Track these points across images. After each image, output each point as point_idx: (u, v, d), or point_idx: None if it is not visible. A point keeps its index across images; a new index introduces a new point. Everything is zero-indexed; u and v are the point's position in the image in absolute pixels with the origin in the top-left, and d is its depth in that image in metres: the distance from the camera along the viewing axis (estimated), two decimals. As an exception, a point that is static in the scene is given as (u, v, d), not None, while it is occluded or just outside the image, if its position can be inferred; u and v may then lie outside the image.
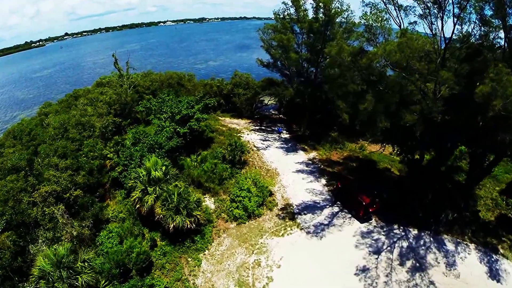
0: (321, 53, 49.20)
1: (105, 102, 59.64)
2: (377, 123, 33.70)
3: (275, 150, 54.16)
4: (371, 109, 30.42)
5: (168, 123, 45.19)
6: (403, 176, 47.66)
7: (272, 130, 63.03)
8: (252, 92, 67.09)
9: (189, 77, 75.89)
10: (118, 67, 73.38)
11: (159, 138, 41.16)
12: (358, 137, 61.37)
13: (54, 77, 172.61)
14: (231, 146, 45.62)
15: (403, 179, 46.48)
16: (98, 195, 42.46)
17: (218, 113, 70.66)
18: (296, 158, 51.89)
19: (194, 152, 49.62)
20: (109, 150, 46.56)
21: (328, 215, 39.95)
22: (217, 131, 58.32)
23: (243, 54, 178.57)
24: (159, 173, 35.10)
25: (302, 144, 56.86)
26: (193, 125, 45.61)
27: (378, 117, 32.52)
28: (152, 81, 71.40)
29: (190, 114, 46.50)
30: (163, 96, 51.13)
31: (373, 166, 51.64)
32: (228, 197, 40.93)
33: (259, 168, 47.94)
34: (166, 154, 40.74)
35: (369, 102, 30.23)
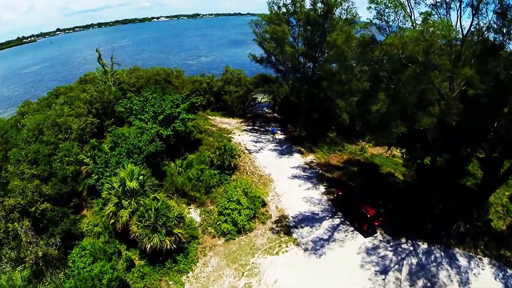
0: (319, 46, 44.69)
1: (86, 101, 55.04)
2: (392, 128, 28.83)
3: (268, 153, 49.75)
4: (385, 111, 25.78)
5: (150, 124, 40.60)
6: (408, 181, 43.91)
7: (265, 131, 58.56)
8: (244, 89, 62.51)
9: (178, 73, 71.22)
10: (102, 62, 69.12)
11: (138, 142, 36.55)
12: (358, 138, 57.52)
13: (42, 74, 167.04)
14: (220, 150, 41.13)
15: (409, 185, 42.69)
16: (73, 205, 38.30)
17: (208, 112, 66.13)
18: (292, 162, 47.52)
19: (180, 156, 45.24)
20: (86, 154, 42.04)
21: (328, 228, 35.77)
22: (206, 132, 53.83)
23: (236, 49, 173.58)
24: (135, 184, 30.57)
25: (298, 146, 52.48)
26: (178, 127, 40.99)
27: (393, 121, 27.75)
28: (138, 78, 66.72)
29: (175, 114, 41.89)
30: (146, 94, 46.38)
31: (376, 170, 47.72)
32: (216, 208, 36.53)
33: (251, 174, 43.51)
34: (146, 159, 36.18)
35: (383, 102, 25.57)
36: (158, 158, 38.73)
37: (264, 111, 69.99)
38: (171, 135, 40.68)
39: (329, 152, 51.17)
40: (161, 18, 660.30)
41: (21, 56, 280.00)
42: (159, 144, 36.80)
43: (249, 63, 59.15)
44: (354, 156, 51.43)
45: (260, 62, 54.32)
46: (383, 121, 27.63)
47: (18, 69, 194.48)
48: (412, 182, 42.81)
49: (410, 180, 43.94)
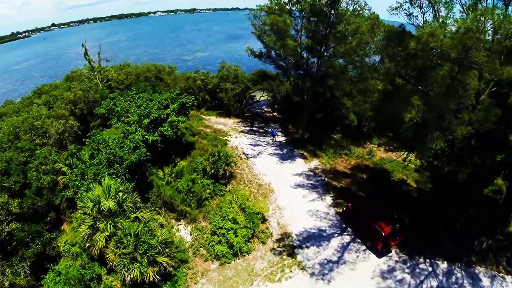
0: (325, 40, 39.82)
1: (69, 101, 50.30)
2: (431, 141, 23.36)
3: (268, 158, 45.06)
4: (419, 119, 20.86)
5: (135, 128, 35.87)
6: (422, 189, 39.84)
7: (264, 132, 53.84)
8: (242, 86, 57.72)
9: (170, 69, 66.38)
10: (89, 58, 64.34)
11: (119, 150, 31.85)
12: (365, 139, 53.04)
13: (33, 70, 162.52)
14: (214, 157, 36.45)
15: (424, 194, 38.59)
16: (50, 220, 33.75)
17: (203, 111, 61.33)
18: (294, 168, 42.87)
19: (169, 162, 40.66)
20: (63, 162, 37.45)
21: (337, 247, 31.42)
22: (199, 134, 49.10)
23: (233, 44, 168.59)
24: (112, 204, 25.91)
25: (301, 149, 47.83)
26: (165, 131, 36.23)
27: (430, 132, 22.59)
28: (127, 75, 61.91)
29: (163, 116, 37.09)
30: (131, 93, 41.52)
31: (386, 177, 43.49)
32: (209, 225, 31.96)
33: (249, 183, 38.88)
34: (129, 169, 31.51)
35: (419, 109, 20.63)
36: (144, 166, 33.99)
37: (263, 110, 65.15)
38: (158, 141, 35.95)
39: (335, 157, 46.65)
40: (157, 13, 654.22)
41: (13, 52, 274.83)
42: (143, 152, 32.05)
43: (247, 59, 54.61)
44: (362, 160, 47.01)
45: (259, 57, 49.51)
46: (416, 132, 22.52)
47: (9, 65, 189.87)
48: (426, 190, 38.76)
49: (423, 188, 39.91)
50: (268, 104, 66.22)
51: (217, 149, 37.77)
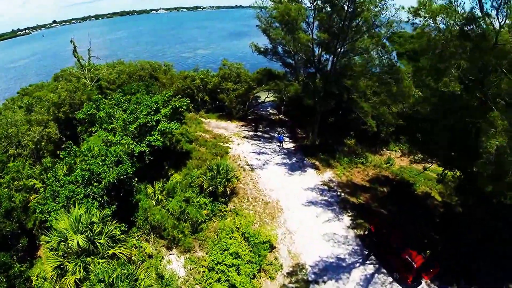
0: (342, 33, 34.06)
1: (52, 103, 44.95)
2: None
3: (275, 169, 39.46)
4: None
5: (119, 137, 30.37)
6: (448, 203, 35.38)
7: (270, 137, 48.24)
8: (245, 86, 52.18)
9: (166, 67, 60.87)
10: (78, 56, 58.62)
11: (96, 166, 26.31)
12: (381, 146, 47.63)
13: (29, 68, 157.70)
14: (212, 171, 30.93)
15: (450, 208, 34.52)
16: (22, 247, 28.59)
17: (202, 114, 55.78)
18: (306, 181, 37.28)
19: (161, 175, 35.31)
20: (37, 176, 32.19)
21: (359, 281, 26.08)
22: (197, 141, 43.59)
23: (236, 41, 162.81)
24: (82, 240, 20.41)
25: (312, 158, 42.25)
26: (154, 141, 30.66)
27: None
28: (119, 74, 56.43)
29: (152, 123, 31.51)
30: (117, 95, 35.94)
31: (409, 189, 38.27)
32: (206, 255, 26.50)
33: (254, 201, 33.33)
34: (107, 191, 26.00)
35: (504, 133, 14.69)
36: (127, 185, 28.48)
37: (268, 112, 59.53)
38: (146, 152, 30.39)
39: (350, 166, 41.18)
40: (160, 10, 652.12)
41: (11, 49, 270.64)
42: (124, 170, 26.42)
43: (251, 56, 49.36)
44: (380, 170, 41.57)
45: (264, 54, 43.87)
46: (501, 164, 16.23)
47: (5, 63, 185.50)
48: (453, 204, 34.71)
49: (449, 201, 35.50)
50: (273, 105, 60.64)
51: (216, 161, 32.28)
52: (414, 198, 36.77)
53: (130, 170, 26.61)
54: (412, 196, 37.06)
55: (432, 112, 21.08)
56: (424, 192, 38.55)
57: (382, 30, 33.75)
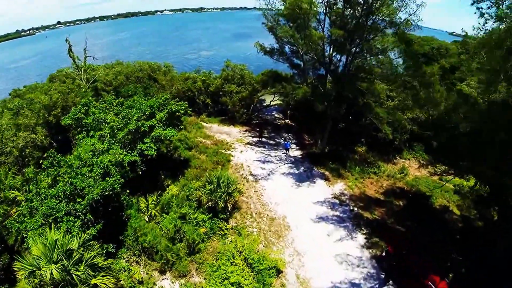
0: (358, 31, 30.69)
1: (43, 106, 41.87)
2: None
3: (281, 180, 36.12)
4: None
5: (107, 145, 27.14)
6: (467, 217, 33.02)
7: (275, 144, 44.92)
8: (249, 89, 48.95)
9: (166, 68, 57.72)
10: (73, 56, 55.72)
11: (79, 180, 23.11)
12: (394, 153, 44.36)
13: (29, 68, 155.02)
14: (211, 185, 27.66)
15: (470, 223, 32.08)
16: (2, 266, 25.72)
17: (203, 118, 52.56)
18: (315, 194, 33.96)
19: (157, 186, 32.20)
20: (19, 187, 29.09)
21: (378, 313, 22.60)
22: (197, 147, 40.38)
23: (240, 43, 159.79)
24: (56, 271, 17.19)
25: (321, 167, 38.93)
26: (146, 150, 27.37)
27: None
28: (116, 75, 53.36)
29: (144, 128, 28.23)
30: (109, 98, 32.72)
31: (426, 202, 35.10)
32: (204, 281, 23.23)
33: (258, 217, 30.00)
34: (91, 208, 22.76)
35: None
36: (115, 201, 25.27)
37: (273, 116, 56.20)
38: (138, 162, 27.15)
39: (363, 177, 37.91)
40: (164, 12, 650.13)
41: (14, 49, 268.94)
42: (112, 183, 23.16)
43: (256, 58, 46.26)
44: (394, 181, 38.32)
45: (270, 54, 40.50)
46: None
47: (7, 63, 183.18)
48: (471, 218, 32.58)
49: (467, 214, 33.28)
50: (279, 109, 57.33)
51: (216, 172, 28.97)
52: (432, 212, 33.71)
53: (117, 186, 23.29)
54: (429, 210, 33.97)
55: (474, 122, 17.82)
56: (442, 205, 35.44)
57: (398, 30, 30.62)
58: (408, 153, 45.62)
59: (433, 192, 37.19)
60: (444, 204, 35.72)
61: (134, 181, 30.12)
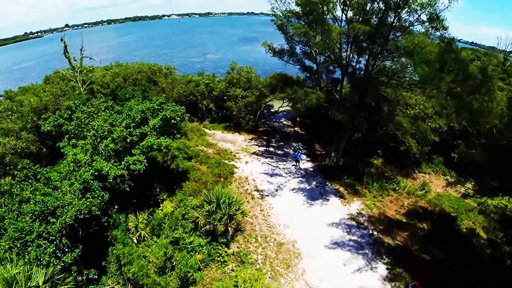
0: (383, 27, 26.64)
1: (31, 109, 38.56)
2: None
3: (291, 197, 32.06)
4: None
5: (90, 156, 23.33)
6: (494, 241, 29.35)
7: (284, 154, 40.94)
8: (256, 93, 45.14)
9: (167, 70, 54.13)
10: (68, 56, 52.22)
11: (52, 198, 19.29)
12: (412, 166, 40.48)
13: (33, 69, 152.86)
14: (210, 205, 23.70)
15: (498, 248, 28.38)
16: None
17: (206, 124, 48.78)
18: (329, 214, 29.86)
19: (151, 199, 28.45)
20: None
21: None
22: (197, 157, 36.53)
23: (247, 47, 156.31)
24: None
25: (335, 182, 34.88)
26: (133, 164, 23.34)
27: None
28: (113, 76, 49.94)
29: (133, 138, 24.30)
30: (97, 101, 28.85)
31: (451, 224, 31.14)
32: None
33: (264, 241, 25.94)
34: (66, 231, 18.94)
35: None
36: (95, 224, 21.41)
37: (282, 123, 52.25)
38: (125, 177, 23.23)
39: (382, 194, 33.80)
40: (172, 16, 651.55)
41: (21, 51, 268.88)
42: (88, 205, 19.26)
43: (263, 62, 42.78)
44: (416, 199, 34.13)
45: (279, 56, 36.54)
46: None
47: (11, 64, 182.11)
48: (499, 242, 29.05)
49: (494, 238, 29.77)
50: (287, 116, 53.37)
51: (216, 189, 24.97)
52: (458, 236, 29.76)
53: (95, 208, 19.41)
54: (456, 234, 29.96)
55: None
56: (468, 228, 31.26)
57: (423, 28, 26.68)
58: (427, 166, 41.55)
59: (458, 213, 33.26)
60: (470, 226, 31.68)
61: (124, 194, 26.44)
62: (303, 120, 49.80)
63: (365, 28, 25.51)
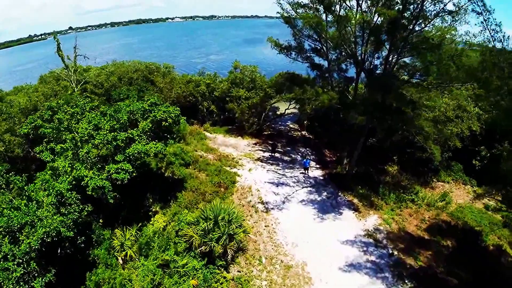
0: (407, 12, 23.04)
1: (19, 110, 35.66)
2: None
3: (300, 210, 28.55)
4: None
5: (69, 164, 20.04)
6: None
7: (291, 160, 37.56)
8: (261, 94, 41.78)
9: (166, 69, 51.01)
10: (62, 54, 49.15)
11: (20, 214, 16.04)
12: (429, 173, 37.00)
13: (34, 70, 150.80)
14: (206, 222, 20.29)
15: None
16: None
17: (207, 127, 45.49)
18: (342, 230, 26.33)
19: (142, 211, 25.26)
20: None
21: None
22: (196, 163, 33.19)
23: (251, 48, 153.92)
24: None
25: (348, 193, 31.39)
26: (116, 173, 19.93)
27: None
28: (108, 76, 46.99)
29: (117, 143, 20.95)
30: (82, 101, 25.49)
31: (477, 240, 27.60)
32: None
33: (269, 263, 22.47)
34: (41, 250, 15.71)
35: None
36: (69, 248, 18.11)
37: (288, 127, 48.81)
38: (107, 188, 19.81)
39: (400, 206, 30.31)
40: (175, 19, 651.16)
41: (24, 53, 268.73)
42: (56, 227, 15.89)
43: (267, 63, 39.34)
44: (437, 212, 30.64)
45: (286, 52, 33.10)
46: None
47: (13, 66, 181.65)
48: None
49: None
50: (294, 119, 49.98)
51: (214, 204, 21.55)
52: (485, 254, 26.23)
53: (64, 230, 16.12)
54: (482, 251, 26.47)
55: None
56: (495, 244, 27.71)
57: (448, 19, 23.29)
58: (445, 174, 38.06)
59: (478, 222, 30.07)
60: (496, 242, 28.19)
61: (111, 206, 23.17)
62: (310, 123, 46.36)
63: (391, 13, 21.87)
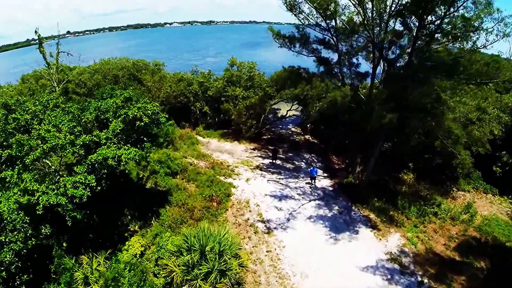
0: None
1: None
2: None
3: (308, 229, 23.81)
4: None
5: (16, 173, 15.58)
6: None
7: (295, 169, 33.01)
8: (260, 94, 37.38)
9: (156, 67, 46.80)
10: (43, 51, 45.38)
11: None
12: (447, 181, 32.86)
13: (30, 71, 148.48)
14: (191, 253, 15.60)
15: None
16: None
17: (200, 130, 41.04)
18: (360, 254, 21.67)
19: (115, 232, 20.84)
20: None
21: None
22: (185, 172, 28.63)
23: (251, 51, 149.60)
24: None
25: (362, 206, 26.76)
26: (74, 187, 15.28)
27: None
28: (92, 74, 42.88)
29: (75, 148, 16.29)
30: (45, 98, 20.84)
31: (509, 257, 23.10)
32: None
33: (272, 301, 18.00)
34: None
35: None
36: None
37: (290, 130, 44.30)
38: (66, 206, 15.16)
39: (423, 221, 25.82)
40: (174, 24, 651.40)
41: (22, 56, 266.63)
42: None
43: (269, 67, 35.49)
44: (464, 227, 26.20)
45: (289, 44, 28.28)
46: None
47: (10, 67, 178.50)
48: None
49: None
50: (296, 121, 45.52)
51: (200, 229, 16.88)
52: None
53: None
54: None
55: None
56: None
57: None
58: (465, 183, 33.70)
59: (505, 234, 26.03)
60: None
61: (78, 226, 18.63)
62: (314, 125, 41.88)
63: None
